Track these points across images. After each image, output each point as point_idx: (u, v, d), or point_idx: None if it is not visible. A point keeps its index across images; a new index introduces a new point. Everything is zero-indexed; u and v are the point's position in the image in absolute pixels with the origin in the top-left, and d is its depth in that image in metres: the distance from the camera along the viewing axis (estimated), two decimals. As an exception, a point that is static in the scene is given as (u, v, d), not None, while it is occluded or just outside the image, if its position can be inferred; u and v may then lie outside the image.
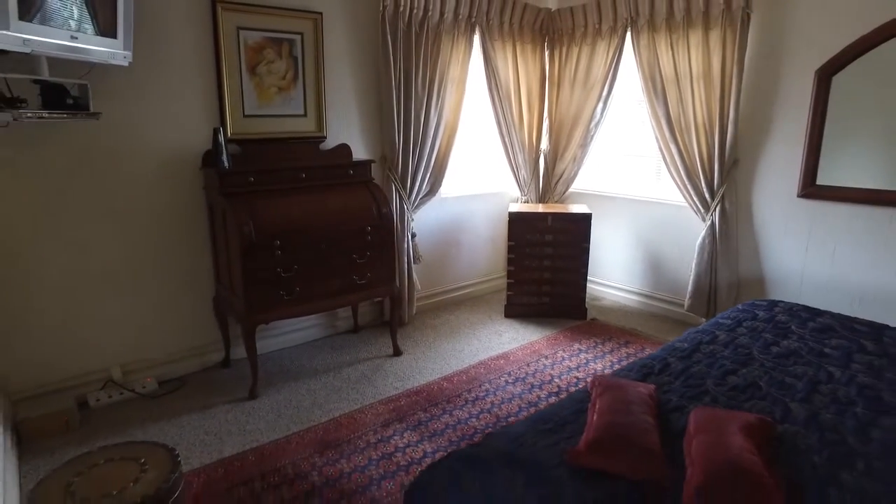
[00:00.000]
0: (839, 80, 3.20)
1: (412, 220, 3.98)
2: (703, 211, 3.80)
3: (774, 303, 2.80)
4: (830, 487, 1.40)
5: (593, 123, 4.34)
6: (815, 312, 2.66)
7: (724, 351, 2.24)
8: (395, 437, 2.64)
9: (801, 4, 3.29)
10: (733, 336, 2.39)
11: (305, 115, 3.43)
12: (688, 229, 4.00)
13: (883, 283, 3.17)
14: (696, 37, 3.65)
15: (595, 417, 1.59)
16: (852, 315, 2.78)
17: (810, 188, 3.40)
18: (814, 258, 3.46)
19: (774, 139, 3.54)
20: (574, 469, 1.45)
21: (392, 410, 2.89)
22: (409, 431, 2.69)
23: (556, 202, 4.64)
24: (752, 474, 1.31)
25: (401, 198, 3.86)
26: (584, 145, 4.43)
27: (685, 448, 1.49)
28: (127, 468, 1.76)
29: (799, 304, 2.80)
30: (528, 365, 3.42)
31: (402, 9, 3.55)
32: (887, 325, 2.48)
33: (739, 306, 2.88)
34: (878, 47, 3.02)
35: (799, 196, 3.46)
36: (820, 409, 1.77)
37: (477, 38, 4.03)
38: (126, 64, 2.55)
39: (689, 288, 3.90)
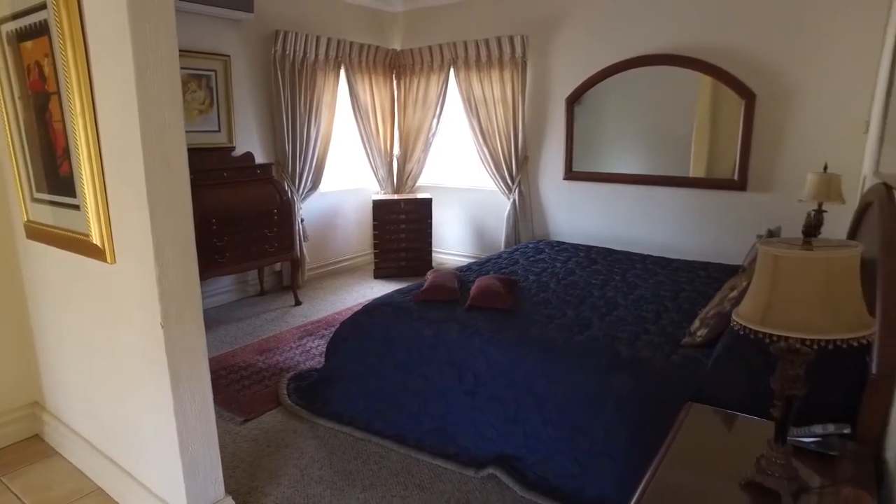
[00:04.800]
0: (577, 106, 5.07)
1: (301, 208, 5.29)
2: (507, 193, 5.52)
3: (541, 240, 4.55)
4: (534, 297, 3.03)
5: (431, 134, 5.94)
6: (560, 244, 4.44)
7: (503, 261, 3.89)
8: (309, 343, 3.98)
9: (554, 57, 5.13)
10: (512, 255, 4.07)
11: (220, 130, 4.63)
12: (499, 207, 5.72)
13: (611, 230, 5.07)
14: (496, 74, 5.37)
15: (425, 283, 3.11)
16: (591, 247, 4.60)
17: (570, 173, 5.24)
18: (575, 218, 5.31)
19: (549, 142, 5.35)
20: (415, 302, 2.95)
21: (303, 331, 4.21)
22: (317, 339, 4.04)
23: (408, 193, 6.18)
24: (494, 289, 2.88)
25: (291, 192, 5.16)
26: (426, 150, 6.03)
27: (470, 290, 3.05)
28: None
29: (555, 241, 4.58)
30: (394, 302, 4.90)
31: (287, 52, 4.89)
32: (595, 247, 4.31)
33: (521, 244, 4.59)
34: (595, 86, 4.90)
35: (564, 179, 5.28)
36: (543, 277, 3.44)
37: (343, 73, 5.46)
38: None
39: (503, 247, 5.61)
